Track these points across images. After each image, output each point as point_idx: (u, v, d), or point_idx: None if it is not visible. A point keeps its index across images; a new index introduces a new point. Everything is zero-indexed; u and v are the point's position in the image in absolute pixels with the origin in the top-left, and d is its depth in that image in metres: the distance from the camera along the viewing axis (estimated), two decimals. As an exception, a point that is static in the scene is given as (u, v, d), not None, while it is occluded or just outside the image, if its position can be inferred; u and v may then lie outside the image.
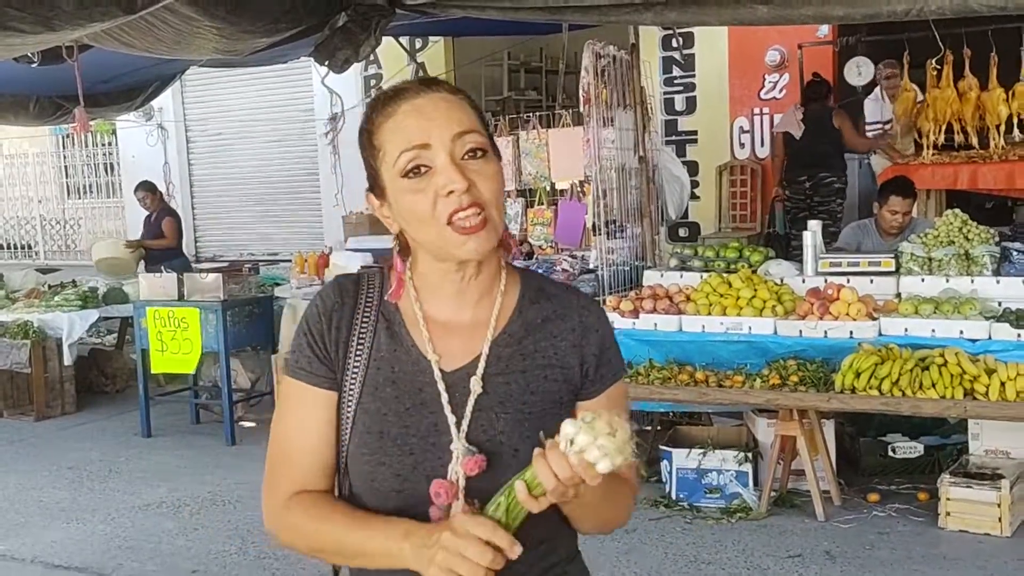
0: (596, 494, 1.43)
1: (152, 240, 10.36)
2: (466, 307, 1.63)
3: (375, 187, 1.62)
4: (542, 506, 1.41)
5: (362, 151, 1.62)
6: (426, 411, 1.58)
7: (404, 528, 1.48)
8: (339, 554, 1.60)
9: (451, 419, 1.56)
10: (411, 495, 1.54)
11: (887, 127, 8.73)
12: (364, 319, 1.64)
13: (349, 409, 1.61)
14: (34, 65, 5.78)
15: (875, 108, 8.97)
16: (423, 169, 1.53)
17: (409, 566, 1.45)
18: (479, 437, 1.56)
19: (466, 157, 1.53)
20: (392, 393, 1.60)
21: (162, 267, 8.44)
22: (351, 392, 1.61)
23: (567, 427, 1.38)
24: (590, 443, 1.36)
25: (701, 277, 5.97)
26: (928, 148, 7.91)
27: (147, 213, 10.54)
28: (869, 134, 8.81)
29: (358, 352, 1.62)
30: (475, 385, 1.58)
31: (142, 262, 10.31)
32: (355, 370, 1.61)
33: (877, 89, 8.91)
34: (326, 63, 5.31)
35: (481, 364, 1.59)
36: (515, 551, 1.39)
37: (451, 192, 1.50)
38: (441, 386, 1.58)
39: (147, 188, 10.51)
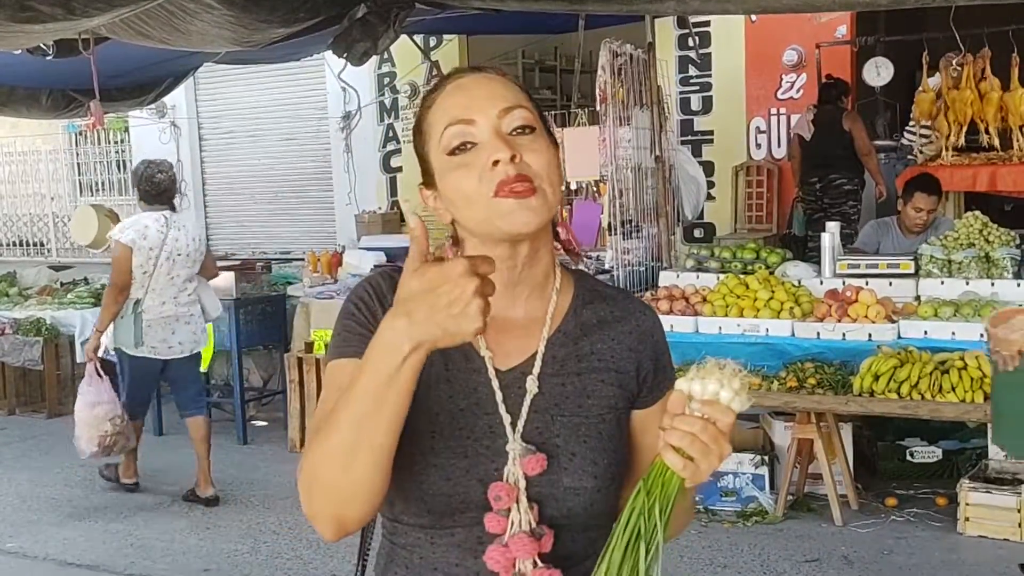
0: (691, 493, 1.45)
1: None
2: (518, 302, 1.53)
3: (425, 176, 1.54)
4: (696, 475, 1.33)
5: (414, 145, 1.55)
6: (481, 412, 1.48)
7: (383, 325, 1.28)
8: (350, 432, 1.30)
9: (507, 419, 1.47)
10: (462, 500, 1.45)
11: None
12: None
13: None
14: (49, 57, 5.74)
15: None
16: (468, 145, 1.45)
17: (414, 339, 1.25)
18: (535, 439, 1.46)
19: (514, 133, 1.46)
20: (446, 392, 1.49)
21: None
22: None
23: (680, 385, 1.34)
24: (712, 386, 1.32)
25: (717, 278, 5.93)
26: (948, 150, 7.83)
27: None
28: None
29: None
30: (531, 385, 1.49)
31: None
32: None
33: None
34: (344, 55, 5.25)
35: (537, 363, 1.50)
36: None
37: (496, 162, 1.42)
38: (495, 384, 1.49)
39: None
